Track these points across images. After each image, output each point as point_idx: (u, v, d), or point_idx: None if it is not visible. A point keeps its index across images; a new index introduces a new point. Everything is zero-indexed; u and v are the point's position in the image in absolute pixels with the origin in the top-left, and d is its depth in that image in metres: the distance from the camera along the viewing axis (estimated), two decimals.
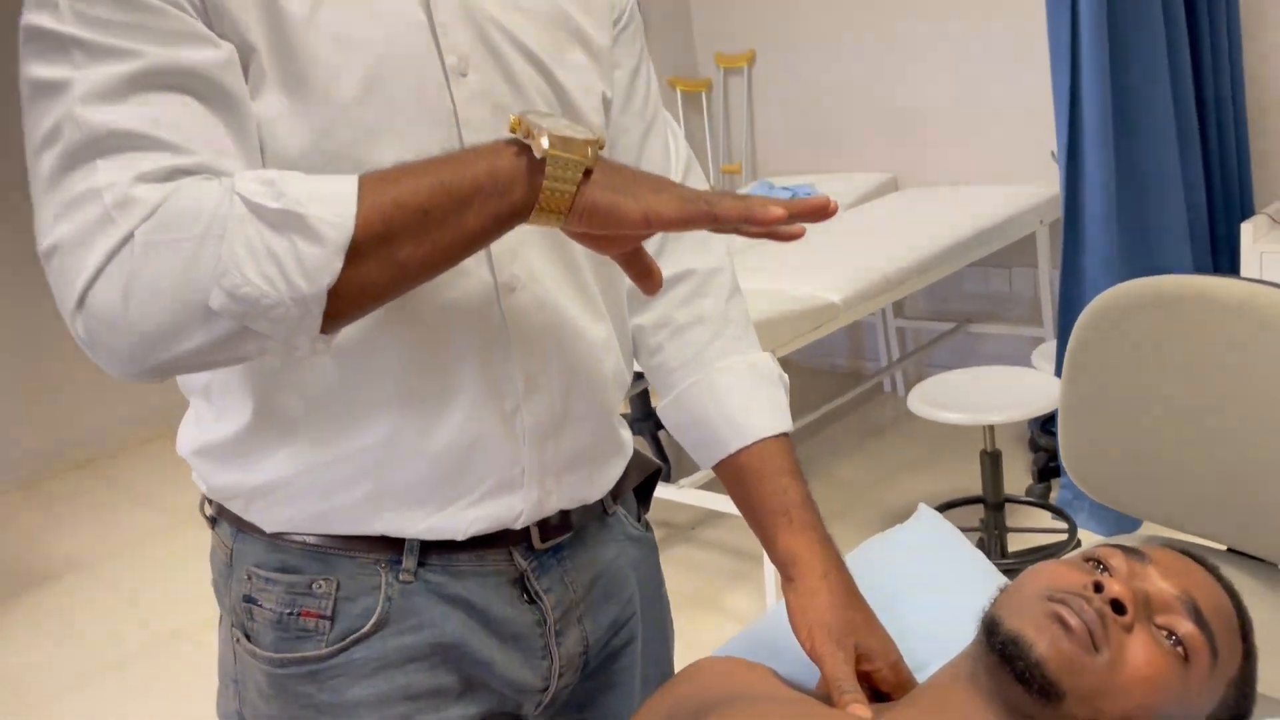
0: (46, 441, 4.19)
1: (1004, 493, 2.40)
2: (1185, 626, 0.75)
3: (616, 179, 0.68)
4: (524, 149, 0.67)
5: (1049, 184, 3.10)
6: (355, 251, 0.64)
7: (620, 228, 0.68)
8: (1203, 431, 1.21)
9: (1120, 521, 2.47)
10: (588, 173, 0.67)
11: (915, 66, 3.43)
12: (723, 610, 2.45)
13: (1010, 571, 1.13)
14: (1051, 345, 2.86)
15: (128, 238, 0.63)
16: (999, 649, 0.73)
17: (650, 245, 0.90)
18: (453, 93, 0.75)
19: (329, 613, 0.80)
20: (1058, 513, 2.51)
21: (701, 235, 0.95)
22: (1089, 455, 1.33)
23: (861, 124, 3.61)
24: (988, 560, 1.11)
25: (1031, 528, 2.56)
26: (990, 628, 0.75)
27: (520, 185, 0.67)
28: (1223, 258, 2.76)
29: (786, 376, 0.96)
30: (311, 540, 0.81)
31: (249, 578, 0.82)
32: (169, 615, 2.83)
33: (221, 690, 0.89)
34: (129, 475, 4.05)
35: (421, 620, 0.82)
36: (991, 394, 2.32)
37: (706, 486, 2.51)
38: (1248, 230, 2.45)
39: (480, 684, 0.86)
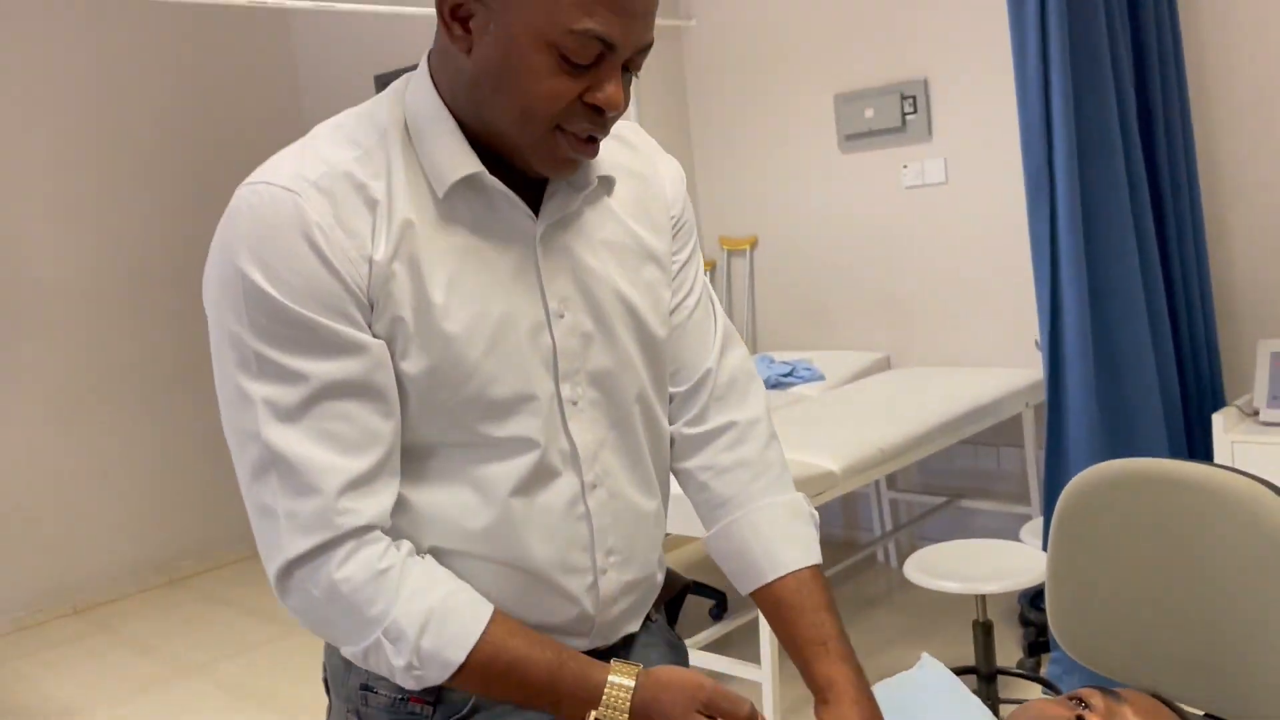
0: (44, 586, 4.21)
1: (996, 664, 2.48)
2: None
3: None
4: None
5: (1034, 369, 3.29)
6: (448, 680, 0.88)
7: None
8: (1178, 603, 1.33)
9: None
10: None
11: (907, 255, 3.68)
12: None
13: None
14: (1038, 522, 2.97)
15: (301, 588, 0.87)
16: None
17: (697, 403, 1.08)
18: (553, 332, 0.94)
19: (433, 700, 0.96)
20: (1048, 685, 2.58)
21: (742, 391, 1.11)
22: (1075, 622, 1.44)
23: (856, 306, 3.84)
24: (982, 704, 1.22)
25: (1023, 699, 2.62)
26: None
27: None
28: (1197, 446, 2.93)
29: (817, 515, 1.10)
30: None
31: (367, 670, 0.97)
32: None
33: None
34: (128, 624, 4.06)
35: (506, 706, 0.96)
36: (984, 565, 2.43)
37: (709, 648, 2.58)
38: (1219, 421, 2.62)
39: None
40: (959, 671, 2.59)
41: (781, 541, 1.05)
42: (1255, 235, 3.00)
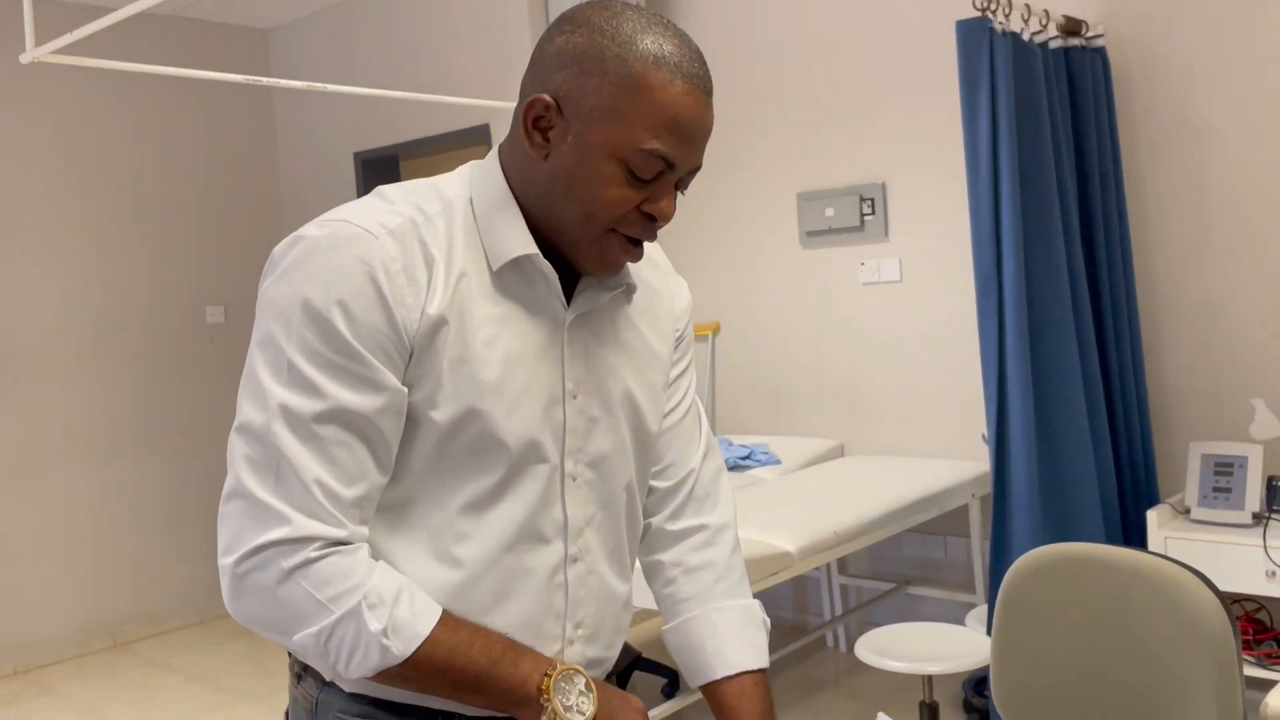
0: None
1: None
2: None
3: None
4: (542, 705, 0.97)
5: (981, 462, 3.44)
6: (390, 674, 0.93)
7: None
8: (1111, 677, 1.44)
9: None
10: None
11: (863, 347, 3.84)
12: None
13: None
14: (983, 610, 3.08)
15: (273, 564, 0.91)
16: None
17: (677, 499, 1.19)
18: (565, 409, 1.04)
19: None
20: None
21: (715, 498, 1.22)
22: (1018, 694, 1.55)
23: (813, 394, 3.99)
24: None
25: None
26: None
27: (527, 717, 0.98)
28: (1133, 540, 3.07)
29: (769, 621, 1.20)
30: (386, 698, 1.03)
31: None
32: None
33: None
34: (70, 687, 3.99)
35: None
36: (931, 647, 2.53)
37: None
38: (1152, 517, 2.77)
39: None
40: None
41: (734, 643, 1.15)
42: (1188, 346, 3.19)
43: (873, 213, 3.76)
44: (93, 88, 4.54)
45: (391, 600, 0.92)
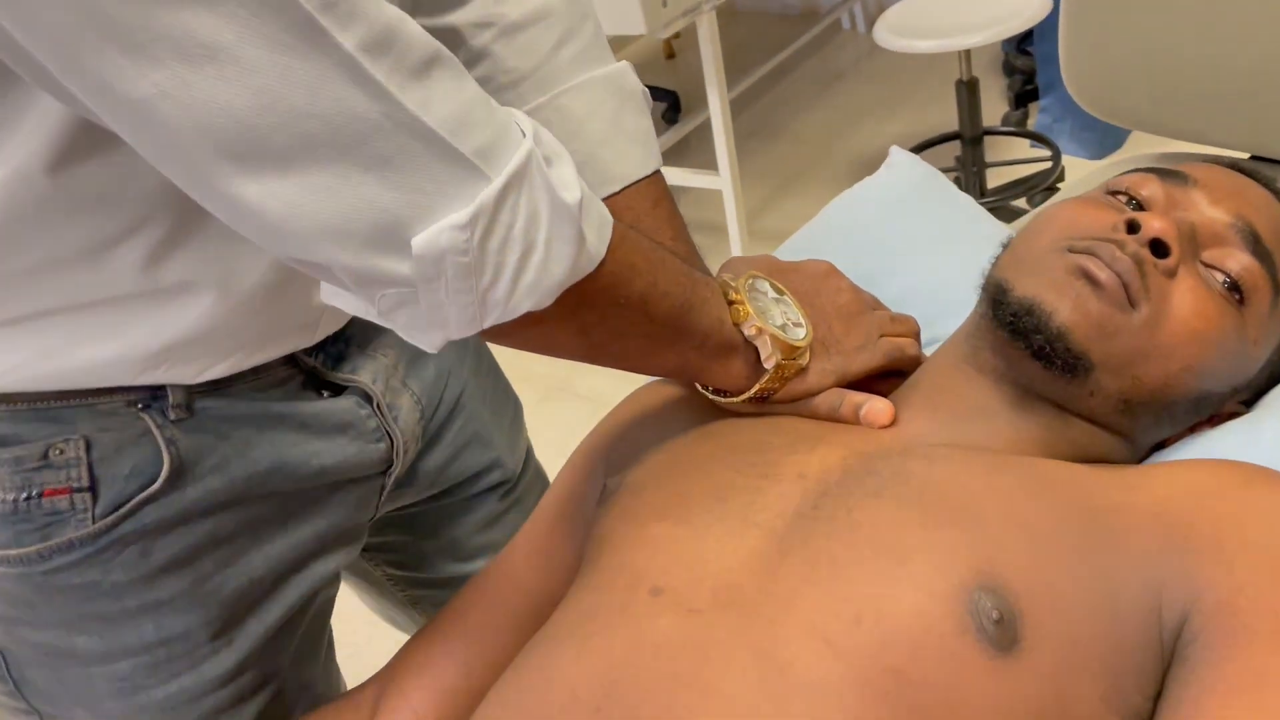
0: None
1: (981, 125, 2.22)
2: (1240, 260, 0.59)
3: (827, 361, 0.64)
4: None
5: None
6: (554, 312, 0.51)
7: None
8: (1227, 16, 1.02)
9: (1104, 141, 2.30)
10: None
11: None
12: (578, 394, 2.11)
13: (994, 211, 0.97)
14: None
15: None
16: (1009, 322, 0.58)
17: None
18: None
19: (85, 483, 0.62)
20: (1038, 139, 2.33)
21: None
22: (1090, 60, 1.14)
23: None
24: (979, 205, 0.95)
25: (1011, 160, 2.39)
26: (996, 295, 0.60)
27: (730, 371, 0.62)
28: None
29: (647, 92, 0.72)
30: (23, 398, 0.61)
31: None
32: None
33: None
34: None
35: (224, 455, 0.65)
36: (965, 14, 2.06)
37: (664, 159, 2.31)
38: None
39: (309, 503, 0.71)
40: (940, 141, 2.34)
41: (610, 143, 0.69)
42: None
43: None
44: None
45: (562, 152, 0.52)
